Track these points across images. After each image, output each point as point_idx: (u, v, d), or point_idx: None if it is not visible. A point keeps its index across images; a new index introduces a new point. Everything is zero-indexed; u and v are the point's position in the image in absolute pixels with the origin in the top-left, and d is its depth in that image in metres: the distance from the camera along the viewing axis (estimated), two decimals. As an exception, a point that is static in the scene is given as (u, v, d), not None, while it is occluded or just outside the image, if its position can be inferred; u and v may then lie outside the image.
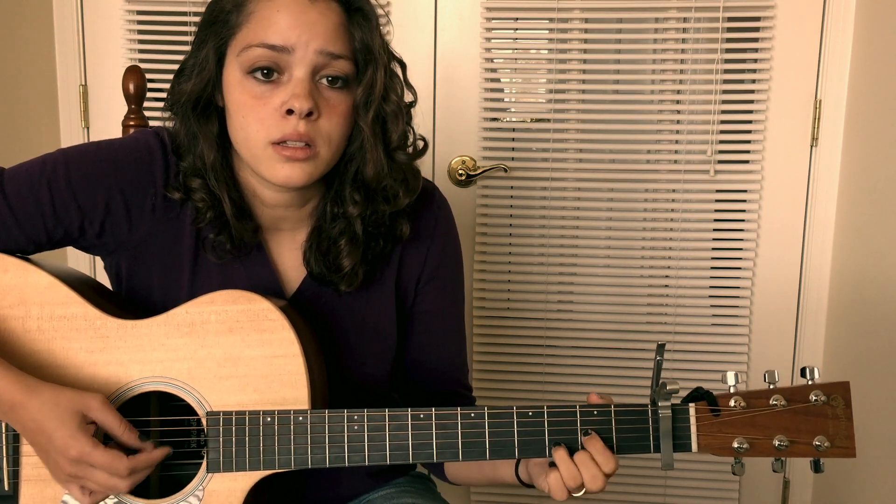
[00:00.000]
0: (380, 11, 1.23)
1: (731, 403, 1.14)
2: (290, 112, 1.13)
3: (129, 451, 1.14)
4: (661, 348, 1.13)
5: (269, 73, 1.14)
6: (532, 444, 1.16)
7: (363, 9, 1.19)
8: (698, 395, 1.15)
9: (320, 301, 1.31)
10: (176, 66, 2.22)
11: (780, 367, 2.27)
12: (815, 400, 1.13)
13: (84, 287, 1.24)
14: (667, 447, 1.14)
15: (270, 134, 1.14)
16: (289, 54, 1.13)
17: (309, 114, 1.14)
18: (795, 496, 2.35)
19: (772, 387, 1.14)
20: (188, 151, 1.23)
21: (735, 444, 1.13)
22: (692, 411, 1.15)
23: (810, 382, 1.14)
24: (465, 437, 1.16)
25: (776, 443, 1.12)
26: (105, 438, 1.14)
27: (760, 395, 1.14)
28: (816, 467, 1.14)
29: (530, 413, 1.16)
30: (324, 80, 1.16)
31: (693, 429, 1.14)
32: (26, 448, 1.18)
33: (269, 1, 1.14)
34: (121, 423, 1.13)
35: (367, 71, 1.18)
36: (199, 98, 1.20)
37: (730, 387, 1.15)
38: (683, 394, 1.16)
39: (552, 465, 1.16)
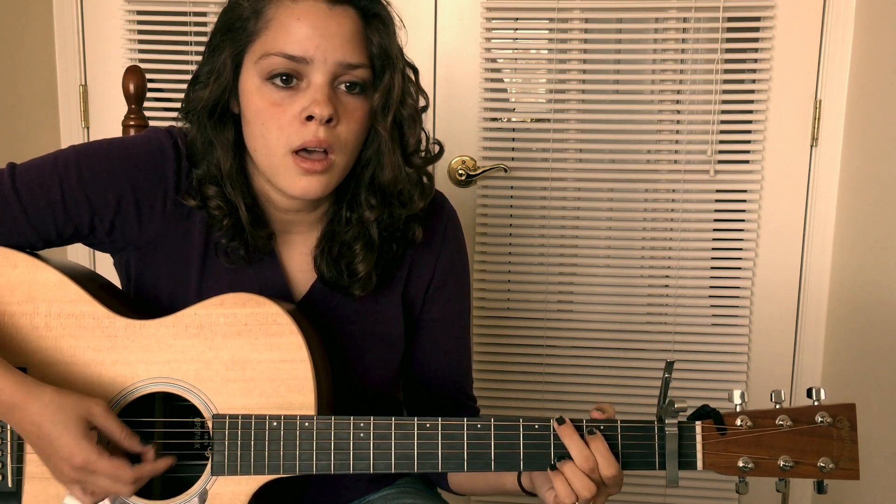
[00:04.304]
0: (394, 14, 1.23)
1: (738, 422, 1.13)
2: (309, 118, 1.13)
3: (132, 454, 1.14)
4: (669, 366, 1.13)
5: (288, 79, 1.14)
6: (537, 458, 1.15)
7: (381, 14, 1.19)
8: (705, 412, 1.15)
9: (329, 305, 1.31)
10: (176, 66, 2.23)
11: (779, 368, 2.30)
12: (821, 421, 1.12)
13: (93, 285, 1.24)
14: (672, 465, 1.14)
15: (291, 141, 1.14)
16: (307, 64, 1.13)
17: (329, 120, 1.14)
18: (795, 498, 2.36)
19: (778, 406, 1.14)
20: (203, 159, 1.23)
21: (740, 464, 1.13)
22: (698, 429, 1.14)
23: (816, 403, 1.14)
24: (471, 449, 1.15)
25: (781, 463, 1.12)
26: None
27: (767, 415, 1.13)
28: (820, 488, 1.14)
29: (536, 426, 1.15)
30: (342, 86, 1.16)
31: (699, 447, 1.14)
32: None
33: (288, 8, 1.14)
34: (122, 429, 1.12)
35: (384, 76, 1.19)
36: (216, 105, 1.20)
37: (736, 405, 1.14)
38: (690, 404, 1.15)
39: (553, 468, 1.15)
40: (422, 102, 1.28)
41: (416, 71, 1.28)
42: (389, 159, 1.22)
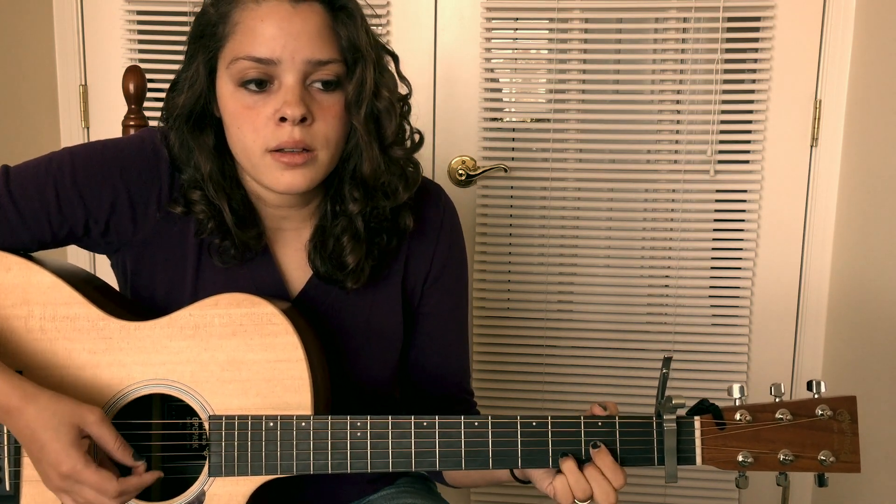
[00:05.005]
0: (368, 11, 1.22)
1: (737, 417, 1.13)
2: (283, 119, 1.13)
3: (123, 466, 1.14)
4: (667, 361, 1.12)
5: (260, 83, 1.14)
6: (535, 455, 1.15)
7: (347, 6, 1.18)
8: (703, 407, 1.14)
9: (326, 301, 1.31)
10: (176, 67, 2.23)
11: (779, 368, 2.29)
12: (821, 414, 1.12)
13: (87, 287, 1.24)
14: (671, 460, 1.14)
15: (267, 142, 1.14)
16: (276, 65, 1.13)
17: (303, 119, 1.13)
18: (795, 496, 2.35)
19: (777, 400, 1.13)
20: (186, 164, 1.23)
21: (740, 458, 1.12)
22: (697, 424, 1.14)
23: (816, 396, 1.13)
24: (469, 447, 1.15)
25: (781, 457, 1.12)
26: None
27: (766, 409, 1.13)
28: (821, 481, 1.13)
29: (534, 423, 1.15)
30: (315, 84, 1.16)
31: (698, 442, 1.14)
32: (28, 449, 1.18)
33: (252, 10, 1.13)
34: (116, 439, 1.12)
35: (356, 69, 1.18)
36: (192, 111, 1.20)
37: (735, 399, 1.14)
38: (690, 404, 1.15)
39: (559, 470, 1.15)
40: (403, 90, 1.27)
41: (395, 59, 1.27)
42: (367, 152, 1.21)
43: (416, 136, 1.31)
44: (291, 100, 1.12)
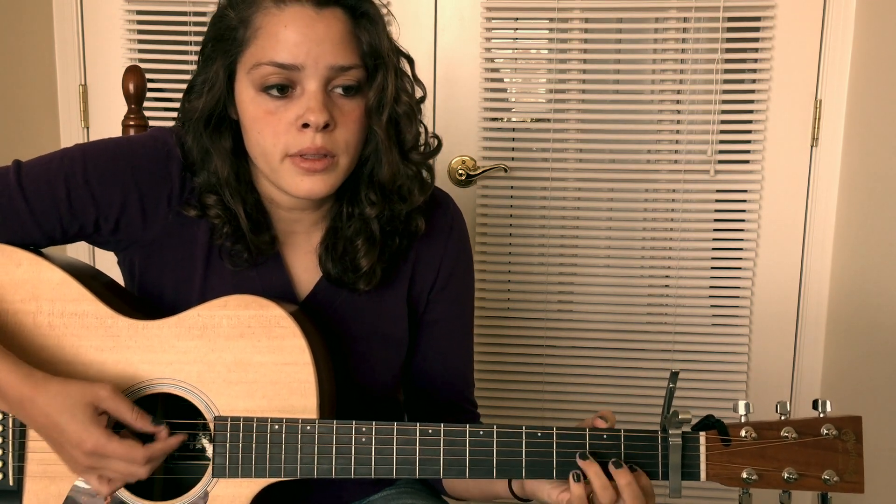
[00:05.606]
0: (384, 11, 1.22)
1: (742, 434, 1.12)
2: (305, 126, 1.13)
3: (144, 436, 1.14)
4: (674, 376, 1.12)
5: (282, 89, 1.13)
6: (540, 465, 1.15)
7: (369, 12, 1.18)
8: (709, 423, 1.14)
9: (333, 305, 1.31)
10: (176, 66, 2.22)
11: (779, 368, 2.30)
12: (827, 433, 1.11)
13: (96, 283, 1.24)
14: (675, 475, 1.13)
15: (288, 147, 1.14)
16: (299, 71, 1.12)
17: (325, 126, 1.13)
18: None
19: (783, 418, 1.13)
20: (202, 168, 1.23)
21: (744, 475, 1.12)
22: (702, 440, 1.13)
23: (822, 415, 1.13)
24: (473, 455, 1.15)
25: (785, 475, 1.11)
26: (118, 425, 1.14)
27: (771, 427, 1.12)
28: (824, 501, 1.13)
29: (539, 434, 1.15)
30: (336, 90, 1.16)
31: (702, 458, 1.13)
32: (32, 444, 1.18)
33: (274, 16, 1.13)
34: (132, 410, 1.12)
35: (377, 75, 1.18)
36: (211, 115, 1.20)
37: (740, 416, 1.13)
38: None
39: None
40: (419, 94, 1.27)
41: (410, 61, 1.27)
42: (387, 157, 1.22)
43: (434, 141, 1.31)
44: (315, 106, 1.12)
